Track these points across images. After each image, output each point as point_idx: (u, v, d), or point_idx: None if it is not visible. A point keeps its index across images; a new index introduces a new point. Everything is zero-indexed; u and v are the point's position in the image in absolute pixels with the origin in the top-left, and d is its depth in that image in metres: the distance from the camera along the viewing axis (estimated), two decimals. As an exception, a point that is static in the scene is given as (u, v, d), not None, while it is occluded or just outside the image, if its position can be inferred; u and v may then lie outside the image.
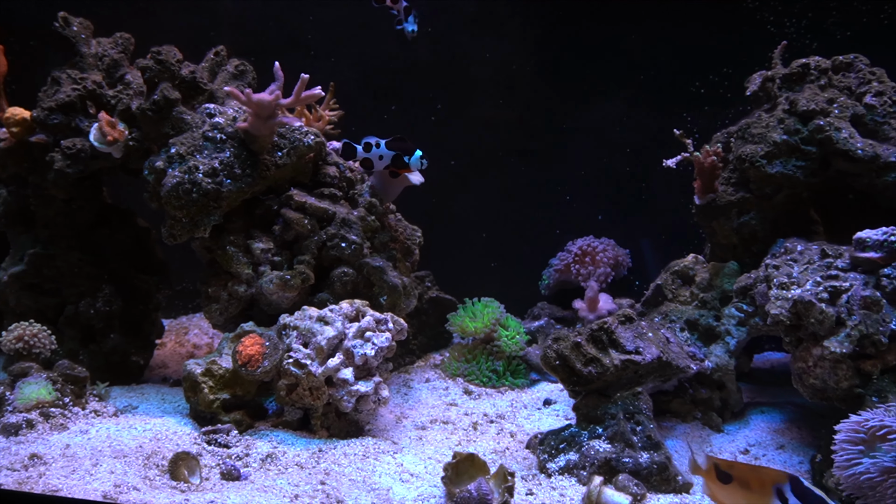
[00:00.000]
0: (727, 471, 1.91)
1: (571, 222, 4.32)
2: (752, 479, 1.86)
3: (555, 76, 4.42)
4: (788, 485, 1.78)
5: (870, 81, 2.91)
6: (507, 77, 4.42)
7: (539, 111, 4.44)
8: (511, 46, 4.40)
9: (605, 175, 4.36)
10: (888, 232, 2.44)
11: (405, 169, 3.15)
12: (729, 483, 1.90)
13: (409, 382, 3.52)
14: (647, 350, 2.55)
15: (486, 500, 2.17)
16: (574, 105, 4.39)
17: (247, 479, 2.28)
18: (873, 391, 2.35)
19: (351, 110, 3.69)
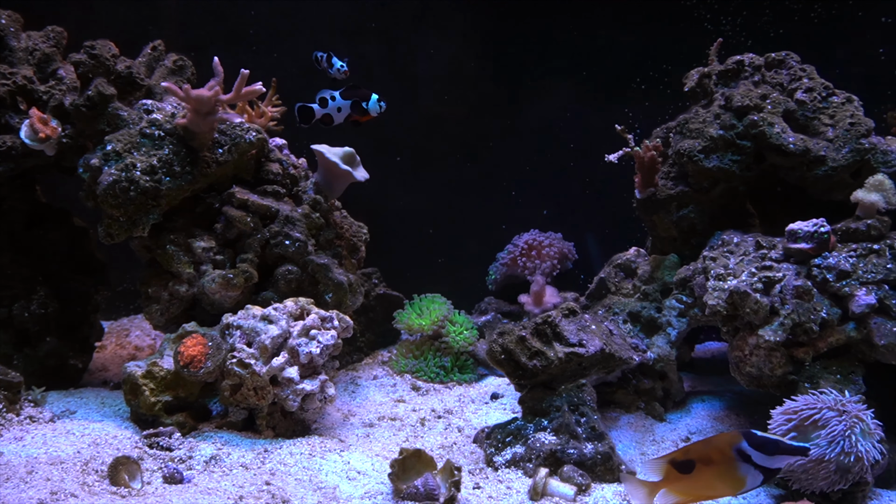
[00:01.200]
0: (684, 458, 1.88)
1: (517, 217, 4.35)
2: (711, 452, 1.84)
3: (499, 72, 4.45)
4: (744, 441, 1.80)
5: (800, 78, 3.00)
6: (452, 73, 4.43)
7: (484, 107, 4.46)
8: (456, 42, 4.41)
9: (550, 170, 4.40)
10: (818, 223, 2.53)
11: (367, 116, 3.11)
12: (692, 470, 1.86)
13: (357, 380, 3.51)
14: (591, 342, 2.59)
15: (433, 495, 2.18)
16: (519, 100, 4.42)
17: (190, 482, 2.24)
18: (806, 377, 2.44)
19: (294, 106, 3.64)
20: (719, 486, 1.86)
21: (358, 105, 3.04)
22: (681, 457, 1.88)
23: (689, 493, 1.89)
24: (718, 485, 1.85)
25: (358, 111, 3.06)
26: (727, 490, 1.88)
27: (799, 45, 3.19)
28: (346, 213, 3.63)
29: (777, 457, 1.78)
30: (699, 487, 1.87)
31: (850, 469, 2.08)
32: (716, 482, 1.85)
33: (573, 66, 4.33)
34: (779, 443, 1.79)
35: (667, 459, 1.89)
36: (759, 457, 1.79)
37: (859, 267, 2.45)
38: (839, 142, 2.80)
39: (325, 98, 3.05)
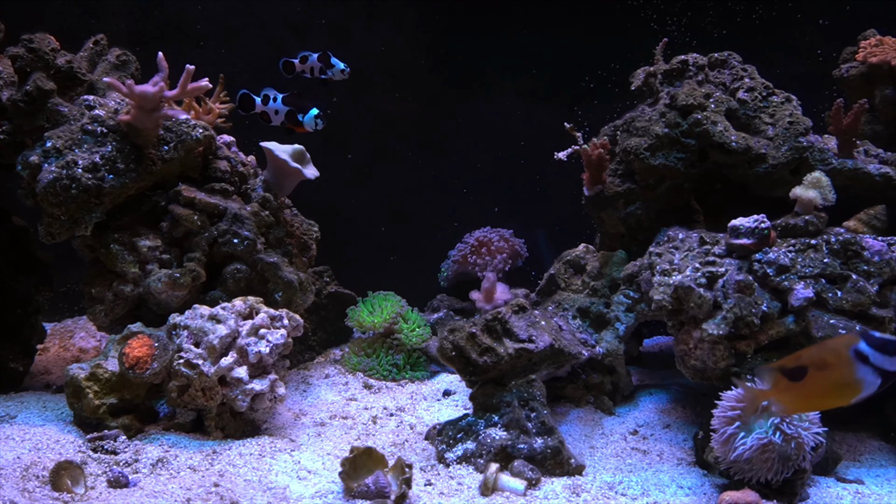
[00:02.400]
0: (796, 364, 1.73)
1: (469, 214, 4.37)
2: (826, 356, 1.71)
3: (450, 69, 4.46)
4: (863, 342, 1.68)
5: (742, 78, 3.08)
6: (403, 69, 4.43)
7: (436, 104, 4.47)
8: (407, 39, 4.41)
9: (502, 167, 4.44)
10: (758, 220, 2.60)
11: (299, 127, 3.05)
12: (804, 376, 1.72)
13: (308, 379, 3.48)
14: (540, 338, 2.61)
15: (384, 493, 2.18)
16: (470, 98, 4.44)
17: (136, 486, 2.19)
18: (748, 369, 2.50)
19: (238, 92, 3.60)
20: (833, 392, 1.73)
21: (293, 115, 2.99)
22: (792, 363, 1.75)
23: (800, 401, 1.77)
24: (833, 391, 1.72)
25: (292, 121, 3.01)
26: (841, 397, 1.74)
27: (741, 46, 3.27)
28: (297, 211, 3.60)
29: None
30: (811, 395, 1.74)
31: (791, 457, 2.14)
32: (830, 388, 1.72)
33: (523, 64, 4.37)
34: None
35: (777, 366, 1.76)
36: (878, 357, 1.67)
37: (798, 261, 2.53)
38: (779, 140, 2.88)
39: (269, 96, 3.01)
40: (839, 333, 2.42)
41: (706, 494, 2.34)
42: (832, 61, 3.42)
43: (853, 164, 2.78)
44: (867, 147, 2.94)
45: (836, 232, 2.61)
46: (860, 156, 2.86)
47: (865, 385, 1.68)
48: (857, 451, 2.66)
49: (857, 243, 2.55)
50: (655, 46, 3.29)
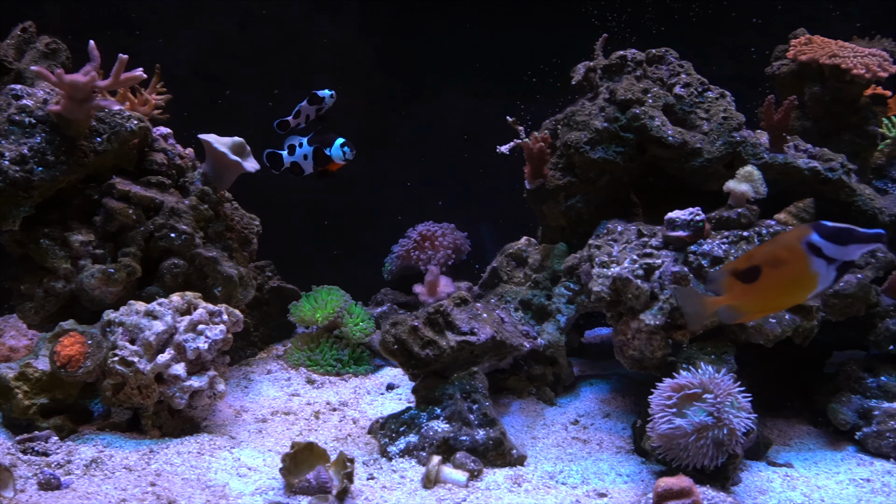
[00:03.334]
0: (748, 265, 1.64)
1: (413, 208, 4.37)
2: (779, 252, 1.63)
3: (394, 62, 4.44)
4: (814, 233, 1.58)
5: (679, 73, 3.14)
6: (346, 62, 4.39)
7: (379, 97, 4.44)
8: (350, 31, 4.37)
9: (445, 161, 4.44)
10: (693, 212, 2.66)
11: (333, 165, 2.96)
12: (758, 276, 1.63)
13: (250, 375, 3.43)
14: (482, 331, 2.63)
15: (326, 488, 2.17)
16: (412, 92, 4.43)
17: (68, 488, 2.13)
18: (683, 359, 2.56)
19: (182, 95, 3.52)
20: (790, 290, 1.65)
21: (321, 152, 2.92)
22: (744, 264, 1.66)
23: (757, 302, 1.68)
24: (789, 288, 1.64)
25: (321, 158, 2.94)
26: (798, 293, 1.67)
27: (679, 42, 3.33)
28: (238, 205, 3.54)
29: (851, 246, 1.58)
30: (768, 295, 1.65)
31: (724, 443, 2.20)
32: (786, 285, 1.63)
33: (467, 58, 4.38)
34: (852, 230, 1.58)
35: (728, 269, 1.67)
36: (831, 248, 1.58)
37: (731, 253, 2.60)
38: (713, 135, 2.95)
39: (294, 145, 2.96)
40: (770, 323, 2.50)
41: (644, 481, 2.39)
42: (765, 59, 3.52)
43: (783, 159, 2.86)
44: (797, 142, 3.03)
45: (768, 224, 2.69)
46: (790, 150, 2.95)
47: (821, 279, 1.61)
48: (787, 435, 2.75)
49: (786, 235, 2.63)
50: (596, 42, 3.33)
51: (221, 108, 4.25)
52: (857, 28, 3.48)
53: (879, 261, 2.67)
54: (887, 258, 2.69)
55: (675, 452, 2.25)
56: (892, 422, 2.49)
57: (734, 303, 1.68)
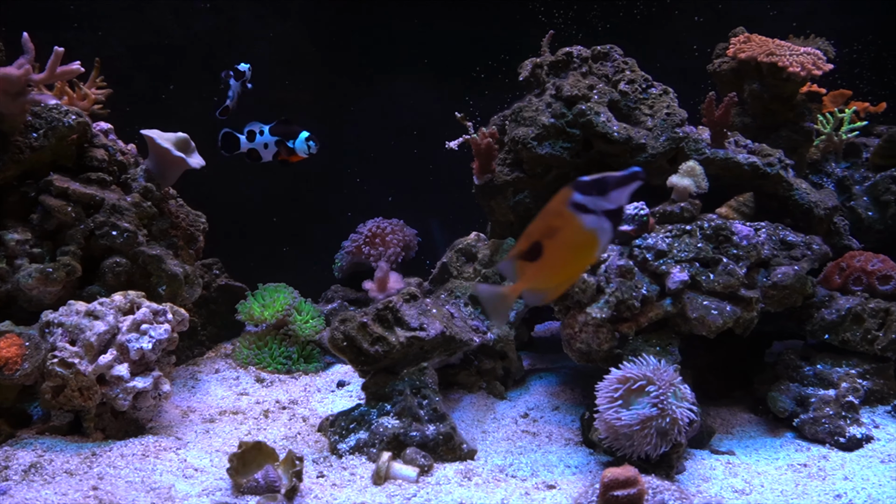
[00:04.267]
0: (528, 244, 1.61)
1: (362, 204, 4.35)
2: (550, 220, 1.59)
3: (342, 58, 4.41)
4: (576, 192, 1.57)
5: (623, 70, 3.19)
6: (293, 57, 4.34)
7: (327, 93, 4.41)
8: (296, 26, 4.32)
9: (394, 156, 4.43)
10: (638, 207, 2.71)
11: (294, 157, 2.92)
12: (541, 251, 1.60)
13: (198, 375, 3.38)
14: (432, 326, 2.64)
15: (274, 487, 2.15)
16: (361, 87, 4.40)
17: (5, 494, 2.07)
18: (630, 351, 2.61)
19: (123, 89, 3.44)
20: (575, 254, 1.62)
21: (283, 144, 2.86)
22: (525, 245, 1.63)
23: (550, 275, 1.64)
24: (573, 252, 1.62)
25: (284, 150, 2.88)
26: (584, 254, 1.64)
27: (624, 39, 3.38)
28: (183, 202, 3.48)
29: (612, 193, 1.57)
30: (557, 265, 1.62)
31: (668, 432, 2.25)
32: (569, 250, 1.61)
33: (415, 53, 4.37)
34: (606, 178, 1.57)
35: (513, 255, 1.64)
36: (594, 201, 1.57)
37: (674, 246, 2.66)
38: (657, 130, 3.00)
39: (254, 131, 2.88)
40: (712, 314, 2.56)
41: (592, 472, 2.43)
42: (707, 56, 3.60)
43: (724, 154, 2.93)
44: (737, 138, 3.11)
45: (709, 218, 2.76)
46: (731, 146, 3.02)
47: (600, 233, 1.58)
48: (730, 423, 2.82)
49: (727, 229, 2.70)
50: (543, 38, 3.36)
51: (165, 102, 4.16)
52: (793, 27, 3.59)
53: (815, 253, 2.76)
54: (822, 250, 2.78)
55: (621, 443, 2.30)
56: (827, 408, 2.57)
57: (530, 284, 1.65)
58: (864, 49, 4.17)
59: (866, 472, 2.31)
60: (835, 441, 2.52)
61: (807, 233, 2.85)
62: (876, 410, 2.64)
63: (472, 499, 2.20)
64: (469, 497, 2.21)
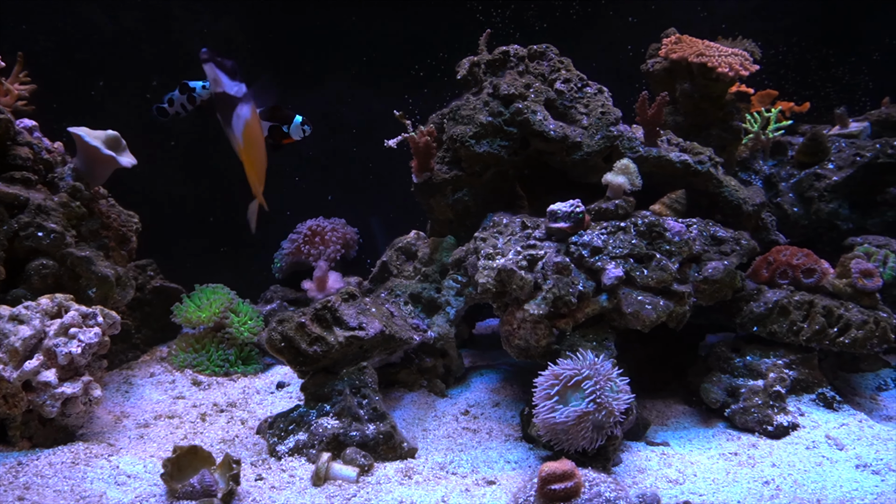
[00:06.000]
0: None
1: (302, 203, 4.30)
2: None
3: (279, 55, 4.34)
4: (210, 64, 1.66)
5: (559, 69, 3.23)
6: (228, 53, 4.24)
7: (262, 91, 4.33)
8: (231, 22, 4.24)
9: (333, 155, 4.39)
10: (574, 204, 2.75)
11: (286, 139, 2.89)
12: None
13: (132, 379, 3.29)
14: (371, 325, 2.63)
15: (211, 492, 2.11)
16: (299, 85, 4.35)
17: (-76, 508, 1.98)
18: (567, 346, 2.64)
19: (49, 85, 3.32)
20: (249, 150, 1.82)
21: (278, 130, 2.82)
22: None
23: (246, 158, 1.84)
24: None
25: (277, 135, 2.85)
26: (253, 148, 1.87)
27: (560, 39, 3.43)
28: (115, 202, 3.39)
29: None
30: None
31: (604, 425, 2.29)
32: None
33: (354, 51, 4.34)
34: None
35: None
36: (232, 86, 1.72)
37: (609, 243, 2.70)
38: (592, 129, 3.05)
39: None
40: (646, 309, 2.62)
41: (531, 467, 2.46)
42: (640, 56, 3.67)
43: (657, 152, 3.00)
44: (669, 136, 3.19)
45: (643, 215, 2.82)
46: (664, 144, 3.09)
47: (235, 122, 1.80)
48: (665, 415, 2.89)
49: (660, 225, 2.76)
50: (481, 37, 3.38)
51: (94, 99, 4.03)
52: (722, 28, 3.69)
53: (743, 248, 2.84)
54: (750, 245, 2.87)
55: (559, 437, 2.33)
56: (756, 398, 2.66)
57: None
58: (790, 51, 4.32)
59: (792, 458, 2.40)
60: (763, 429, 2.60)
61: (736, 228, 2.94)
62: (802, 399, 2.74)
63: (413, 497, 2.20)
64: (409, 495, 2.22)
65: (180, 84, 3.00)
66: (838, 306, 2.75)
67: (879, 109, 3.89)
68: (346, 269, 3.99)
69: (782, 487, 2.20)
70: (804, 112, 3.95)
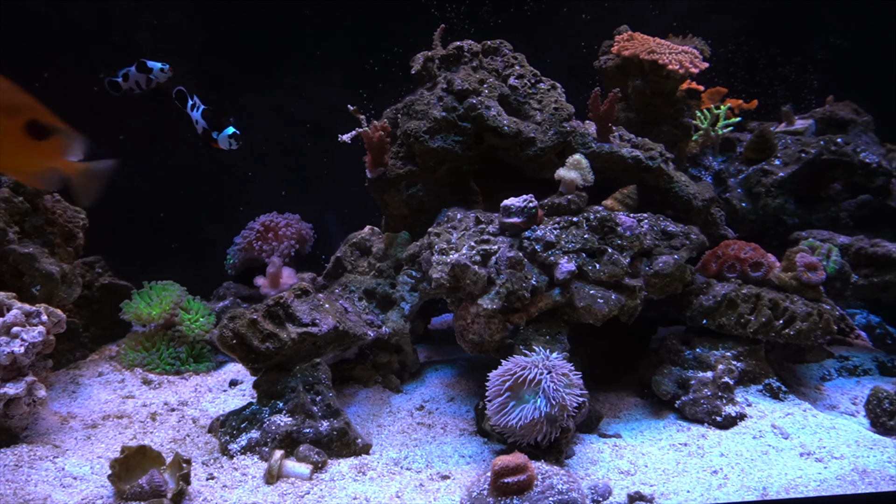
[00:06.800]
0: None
1: (255, 199, 4.25)
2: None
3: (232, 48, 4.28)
4: None
5: (513, 65, 3.25)
6: (179, 47, 4.17)
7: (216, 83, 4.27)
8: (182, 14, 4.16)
9: (287, 150, 4.35)
10: (527, 199, 2.77)
11: (214, 143, 2.97)
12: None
13: (79, 379, 3.21)
14: (324, 321, 2.61)
15: (160, 492, 2.07)
16: (253, 78, 4.29)
17: None
18: (521, 340, 2.66)
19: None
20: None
21: (208, 134, 2.95)
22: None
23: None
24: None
25: (207, 137, 2.96)
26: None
27: (515, 35, 3.44)
28: (60, 198, 3.30)
29: None
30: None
31: (557, 419, 2.31)
32: None
33: (308, 45, 4.29)
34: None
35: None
36: None
37: (562, 238, 2.73)
38: (546, 125, 3.07)
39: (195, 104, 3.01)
40: (598, 303, 2.65)
41: (485, 461, 2.47)
42: (593, 53, 3.70)
43: (609, 148, 3.03)
44: (622, 132, 3.22)
45: (595, 210, 2.85)
46: (616, 140, 3.13)
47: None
48: (617, 408, 2.93)
49: (612, 220, 2.79)
50: (435, 32, 3.37)
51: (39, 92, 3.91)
52: (673, 27, 3.74)
53: (693, 242, 2.89)
54: (700, 240, 2.92)
55: (512, 431, 2.34)
56: (705, 389, 2.71)
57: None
58: (738, 49, 4.41)
59: (740, 447, 2.45)
60: (712, 420, 2.66)
61: (686, 223, 3.00)
62: (749, 389, 2.80)
63: (367, 493, 2.20)
64: (363, 492, 2.21)
65: (138, 62, 2.97)
66: (784, 299, 2.81)
67: (824, 107, 4.00)
68: (300, 265, 3.95)
69: (730, 476, 2.25)
70: (752, 109, 4.04)
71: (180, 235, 4.24)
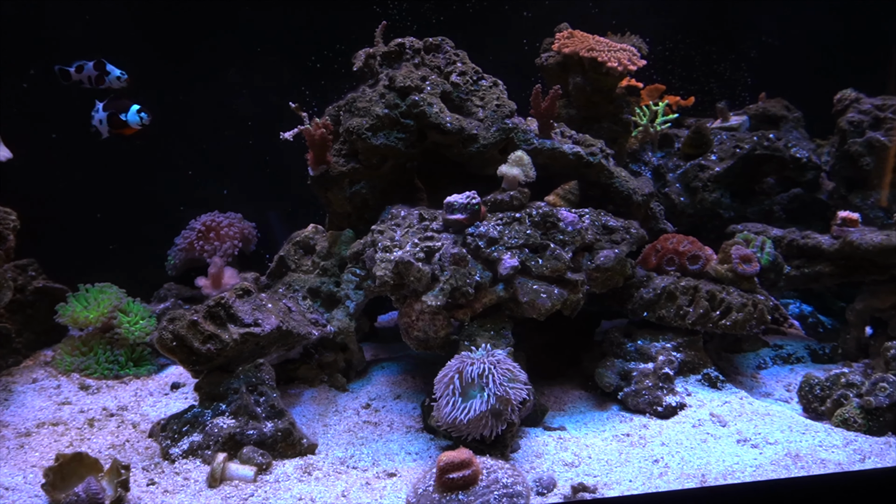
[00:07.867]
0: None
1: (196, 198, 4.16)
2: None
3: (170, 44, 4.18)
4: None
5: (455, 62, 3.25)
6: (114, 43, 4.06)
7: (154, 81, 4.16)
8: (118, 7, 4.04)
9: (228, 148, 4.27)
10: (470, 196, 2.78)
11: (127, 129, 2.94)
12: None
13: (12, 386, 3.11)
14: (267, 321, 2.58)
15: (97, 500, 2.02)
16: (192, 76, 4.20)
17: None
18: (465, 336, 2.68)
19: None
20: None
21: (115, 118, 2.89)
22: None
23: None
24: None
25: (115, 124, 2.90)
26: None
27: (458, 32, 3.44)
28: (-12, 199, 3.19)
29: None
30: None
31: (502, 413, 2.33)
32: None
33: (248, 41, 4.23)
34: None
35: None
36: None
37: (505, 233, 2.75)
38: (488, 122, 3.09)
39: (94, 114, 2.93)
40: (541, 298, 2.68)
41: (431, 457, 2.48)
42: (535, 50, 3.74)
43: (551, 144, 3.07)
44: (563, 129, 3.26)
45: (538, 206, 2.88)
46: (557, 136, 3.16)
47: None
48: (562, 401, 2.97)
49: (554, 216, 2.83)
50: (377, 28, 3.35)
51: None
52: (611, 24, 3.80)
53: (633, 236, 2.95)
54: (639, 234, 2.98)
55: (458, 427, 2.35)
56: (646, 381, 2.77)
57: None
58: (676, 47, 4.51)
59: (680, 436, 2.51)
60: (653, 410, 2.72)
61: (626, 218, 3.05)
62: (689, 379, 2.87)
63: (312, 493, 2.19)
64: (309, 492, 2.19)
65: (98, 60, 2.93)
66: (720, 290, 2.89)
67: (757, 104, 4.13)
68: (243, 264, 3.89)
69: (670, 465, 2.31)
70: (689, 106, 4.14)
71: (118, 236, 4.13)
